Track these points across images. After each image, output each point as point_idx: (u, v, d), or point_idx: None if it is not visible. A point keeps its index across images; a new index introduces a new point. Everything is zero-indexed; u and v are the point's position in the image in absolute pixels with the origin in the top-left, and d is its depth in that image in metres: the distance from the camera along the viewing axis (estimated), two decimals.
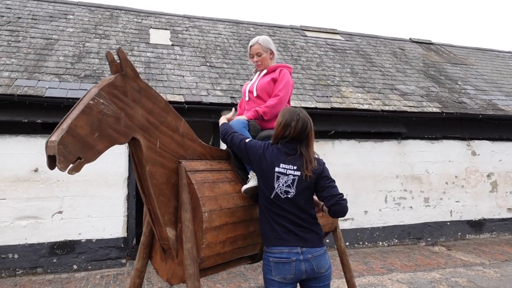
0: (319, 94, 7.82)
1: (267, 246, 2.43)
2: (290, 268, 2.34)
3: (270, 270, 2.38)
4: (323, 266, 2.39)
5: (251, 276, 5.72)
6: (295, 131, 2.45)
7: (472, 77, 10.63)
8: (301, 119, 2.49)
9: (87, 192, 6.15)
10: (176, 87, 6.94)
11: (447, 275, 5.84)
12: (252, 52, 3.28)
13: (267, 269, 2.40)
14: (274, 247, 2.39)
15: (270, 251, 2.40)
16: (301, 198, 2.41)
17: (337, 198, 2.39)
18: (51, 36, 7.82)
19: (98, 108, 2.13)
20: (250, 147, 2.58)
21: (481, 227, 8.60)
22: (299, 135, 2.48)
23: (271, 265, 2.38)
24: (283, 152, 2.47)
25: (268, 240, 2.44)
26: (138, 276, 2.90)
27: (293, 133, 2.45)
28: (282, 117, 2.51)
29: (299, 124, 2.47)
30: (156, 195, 2.49)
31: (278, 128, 2.51)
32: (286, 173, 2.41)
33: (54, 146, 1.92)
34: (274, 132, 2.55)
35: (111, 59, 2.30)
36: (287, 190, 2.40)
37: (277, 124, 2.53)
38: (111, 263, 6.19)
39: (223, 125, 2.90)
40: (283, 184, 2.40)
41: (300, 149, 2.47)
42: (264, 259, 2.44)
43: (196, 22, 10.40)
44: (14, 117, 5.87)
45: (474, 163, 8.63)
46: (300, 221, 2.40)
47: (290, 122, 2.46)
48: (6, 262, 5.74)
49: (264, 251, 2.46)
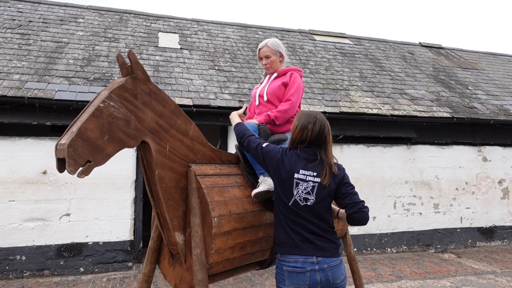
0: (327, 98, 7.78)
1: (282, 254, 2.34)
2: (304, 278, 2.25)
3: (284, 279, 2.29)
4: (338, 276, 2.30)
5: (258, 282, 5.66)
6: (312, 134, 2.37)
7: (483, 82, 10.51)
8: (318, 121, 2.41)
9: (94, 194, 6.16)
10: (184, 90, 6.94)
11: (457, 283, 5.75)
12: (261, 55, 3.24)
13: (280, 278, 2.31)
14: (289, 255, 2.30)
15: (284, 259, 2.32)
16: (321, 206, 2.33)
17: (359, 205, 2.31)
18: (62, 40, 7.87)
19: (108, 111, 2.12)
20: (268, 152, 2.48)
21: (492, 234, 8.47)
22: (317, 139, 2.39)
23: (285, 274, 2.29)
24: (302, 157, 2.38)
25: (283, 247, 2.35)
26: (145, 281, 2.87)
27: (310, 136, 2.37)
28: (298, 120, 2.44)
29: (316, 126, 2.39)
30: (165, 199, 2.47)
31: (295, 132, 2.43)
32: (306, 180, 2.32)
33: (64, 149, 1.91)
34: (291, 136, 2.46)
35: (122, 61, 2.29)
36: (306, 197, 2.31)
37: (293, 127, 2.45)
38: (117, 266, 6.17)
39: (239, 126, 2.79)
40: (302, 191, 2.31)
41: (320, 154, 2.39)
42: (277, 267, 2.35)
43: (204, 26, 10.42)
44: (24, 120, 5.90)
45: (485, 169, 8.51)
46: (318, 230, 2.31)
47: (306, 125, 2.38)
48: (13, 264, 5.75)
49: (278, 258, 2.37)
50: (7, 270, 5.72)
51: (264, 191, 2.69)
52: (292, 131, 2.46)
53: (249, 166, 2.91)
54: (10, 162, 5.86)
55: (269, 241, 2.87)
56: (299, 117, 2.47)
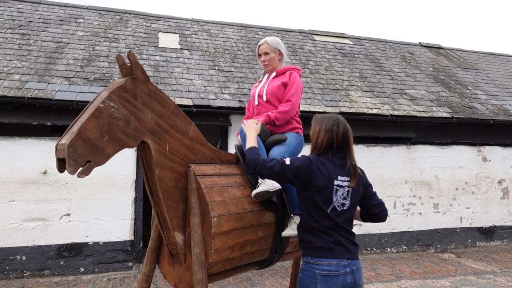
0: (327, 99, 7.79)
1: (313, 257, 2.27)
2: (337, 281, 2.22)
3: (315, 283, 2.22)
4: (361, 278, 2.31)
5: (258, 281, 5.67)
6: (338, 137, 2.32)
7: (483, 82, 10.52)
8: (341, 123, 2.37)
9: (95, 194, 6.17)
10: (184, 90, 6.95)
11: (457, 283, 5.76)
12: (260, 51, 3.24)
13: (311, 282, 2.23)
14: (322, 258, 2.24)
15: (316, 263, 2.24)
16: (353, 210, 2.35)
17: (384, 205, 2.46)
18: (62, 40, 7.89)
19: (108, 111, 2.13)
20: (297, 168, 2.30)
21: (491, 234, 8.48)
22: (343, 141, 2.34)
23: (317, 278, 2.22)
24: (337, 163, 2.32)
25: (316, 250, 2.27)
26: (145, 281, 2.88)
27: (337, 138, 2.32)
28: (319, 124, 2.37)
29: (340, 128, 2.34)
30: (165, 199, 2.48)
31: (318, 136, 2.35)
32: (343, 186, 2.29)
33: (64, 149, 1.92)
34: (315, 141, 2.37)
35: (122, 62, 2.30)
36: (343, 203, 2.30)
37: (315, 131, 2.37)
38: (117, 266, 6.18)
39: (251, 153, 2.51)
40: (340, 197, 2.29)
41: (347, 158, 2.35)
42: (307, 271, 2.27)
43: (204, 26, 10.43)
44: (24, 120, 5.91)
45: (485, 169, 8.52)
46: (347, 233, 2.32)
47: (330, 127, 2.33)
48: (14, 264, 5.76)
49: (306, 262, 2.29)
50: (8, 270, 5.73)
51: (263, 191, 2.69)
52: (314, 135, 2.38)
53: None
54: (11, 162, 5.87)
55: (268, 240, 2.87)
56: (319, 120, 2.39)
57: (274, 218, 2.88)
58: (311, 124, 2.45)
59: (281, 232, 2.81)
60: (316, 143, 2.36)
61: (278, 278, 5.85)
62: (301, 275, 2.31)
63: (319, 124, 2.37)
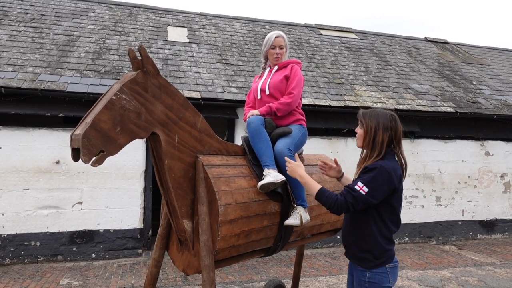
0: (333, 92, 7.90)
1: (391, 262, 2.24)
2: (397, 271, 2.30)
3: (387, 277, 2.20)
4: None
5: (262, 269, 5.86)
6: (397, 134, 2.23)
7: (488, 77, 10.55)
8: (397, 118, 2.26)
9: (105, 184, 6.37)
10: (192, 83, 7.10)
11: (457, 274, 5.89)
12: (275, 44, 3.21)
13: (383, 278, 2.20)
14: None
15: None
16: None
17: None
18: (73, 33, 8.06)
19: (120, 104, 2.19)
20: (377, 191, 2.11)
21: (493, 227, 8.59)
22: (399, 138, 2.24)
23: (388, 271, 2.21)
24: (399, 164, 2.25)
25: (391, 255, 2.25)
26: (155, 266, 2.98)
27: (396, 136, 2.22)
28: (375, 121, 2.23)
29: (398, 124, 2.24)
30: (174, 188, 2.57)
31: (377, 134, 2.21)
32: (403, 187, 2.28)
33: (79, 139, 1.99)
34: (372, 139, 2.24)
35: (133, 56, 2.35)
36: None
37: (371, 129, 2.23)
38: (127, 253, 6.40)
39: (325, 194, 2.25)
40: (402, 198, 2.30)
41: (399, 152, 2.28)
42: (378, 273, 2.22)
43: (212, 20, 10.54)
44: (38, 111, 6.11)
45: (488, 164, 8.61)
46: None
47: (389, 124, 2.22)
48: (28, 249, 6.00)
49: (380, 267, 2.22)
50: (23, 255, 5.97)
51: (269, 183, 2.76)
52: (370, 133, 2.24)
53: (254, 158, 3.00)
54: (25, 152, 6.08)
55: (273, 229, 2.97)
56: (373, 116, 2.25)
57: (279, 207, 2.97)
58: (361, 121, 2.30)
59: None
60: (374, 142, 2.22)
61: (283, 267, 6.03)
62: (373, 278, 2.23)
63: (374, 120, 2.22)
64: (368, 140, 2.24)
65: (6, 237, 5.93)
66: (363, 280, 2.21)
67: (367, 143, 2.25)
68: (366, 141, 2.26)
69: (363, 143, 2.29)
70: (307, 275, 5.62)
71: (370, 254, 2.20)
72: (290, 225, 2.91)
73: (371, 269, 2.20)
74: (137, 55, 2.39)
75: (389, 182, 2.11)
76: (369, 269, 2.20)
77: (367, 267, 2.21)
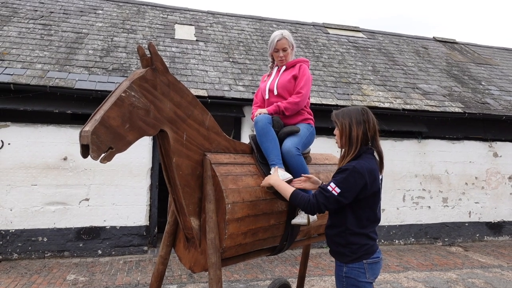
0: (340, 92, 7.87)
1: (369, 258, 2.28)
2: (379, 266, 2.33)
3: (364, 273, 2.25)
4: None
5: (268, 268, 5.86)
6: (370, 127, 2.25)
7: (497, 78, 10.46)
8: (367, 111, 2.28)
9: (112, 181, 6.40)
10: (199, 81, 7.11)
11: (463, 276, 5.85)
12: (278, 47, 3.19)
13: (359, 273, 2.25)
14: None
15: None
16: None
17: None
18: (81, 30, 8.10)
19: (130, 101, 2.20)
20: (349, 191, 2.16)
21: (500, 229, 8.52)
22: (375, 131, 2.26)
23: (366, 266, 2.25)
24: (377, 161, 2.27)
25: (369, 251, 2.28)
26: (162, 263, 2.98)
27: (369, 129, 2.24)
28: (347, 117, 2.27)
29: (370, 116, 2.27)
30: (182, 186, 2.57)
31: (351, 130, 2.24)
32: (381, 184, 2.31)
33: (88, 135, 1.99)
34: (348, 136, 2.27)
35: (142, 53, 2.36)
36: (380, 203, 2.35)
37: (345, 126, 2.26)
38: (133, 250, 6.43)
39: (298, 198, 2.35)
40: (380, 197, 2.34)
41: (377, 147, 2.30)
42: (353, 268, 2.27)
43: (220, 18, 10.55)
44: (46, 107, 6.15)
45: (496, 165, 8.54)
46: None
47: (361, 119, 2.25)
48: (36, 245, 6.05)
49: (356, 262, 2.28)
50: (30, 251, 6.02)
51: None
52: (345, 130, 2.27)
53: (262, 156, 2.99)
54: (33, 148, 6.13)
55: (280, 228, 2.97)
56: (345, 114, 2.29)
57: (286, 206, 2.96)
58: (335, 121, 2.33)
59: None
60: (351, 138, 2.24)
61: (288, 266, 6.03)
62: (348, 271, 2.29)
63: (347, 117, 2.26)
64: (345, 138, 2.29)
65: (14, 232, 5.98)
66: (341, 275, 2.30)
67: (344, 141, 2.29)
68: (343, 140, 2.30)
69: (341, 142, 2.33)
70: (312, 275, 5.61)
71: (347, 249, 2.27)
72: (297, 224, 2.90)
73: (348, 263, 2.26)
74: (147, 52, 2.39)
75: (361, 183, 2.16)
76: (346, 263, 2.27)
77: (344, 261, 2.28)
